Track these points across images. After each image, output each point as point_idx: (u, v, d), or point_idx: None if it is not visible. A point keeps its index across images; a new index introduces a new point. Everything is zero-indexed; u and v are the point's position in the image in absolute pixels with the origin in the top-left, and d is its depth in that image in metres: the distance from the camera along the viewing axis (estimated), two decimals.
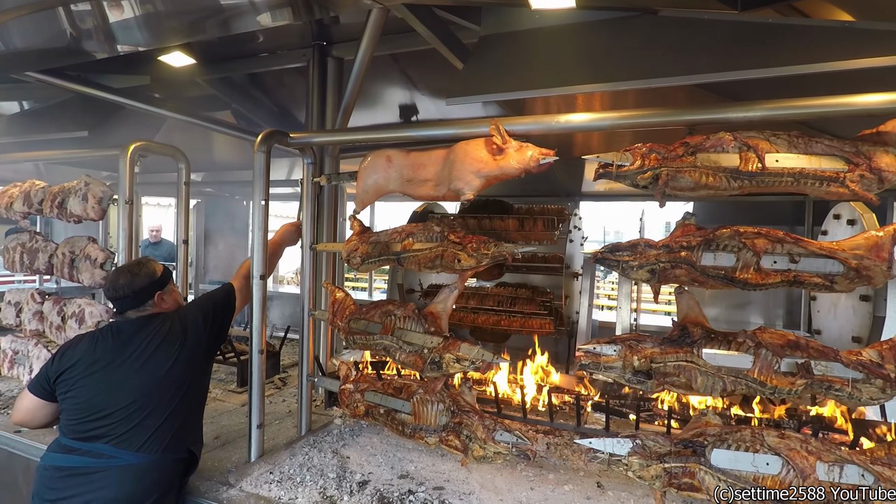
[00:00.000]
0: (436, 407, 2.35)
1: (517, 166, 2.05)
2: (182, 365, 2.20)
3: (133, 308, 2.28)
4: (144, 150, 3.09)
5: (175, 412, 2.16)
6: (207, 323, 2.36)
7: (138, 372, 2.14)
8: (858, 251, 1.89)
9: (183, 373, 2.20)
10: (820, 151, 1.93)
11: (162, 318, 2.28)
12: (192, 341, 2.26)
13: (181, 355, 2.20)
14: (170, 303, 2.37)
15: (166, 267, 2.43)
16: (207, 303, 2.49)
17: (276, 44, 3.86)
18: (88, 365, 2.14)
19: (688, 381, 1.96)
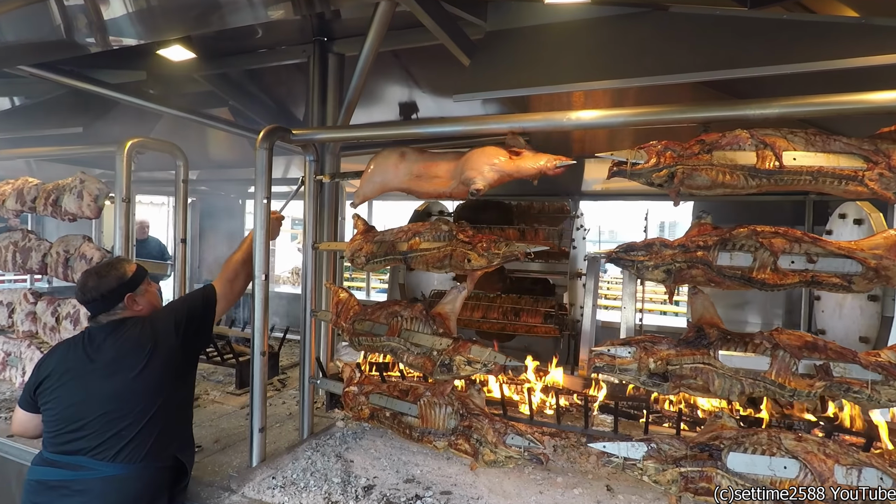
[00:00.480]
0: (444, 410, 2.30)
1: (534, 167, 2.01)
2: (154, 371, 2.08)
3: (103, 312, 2.16)
4: (141, 147, 3.01)
5: (153, 420, 2.05)
6: (180, 328, 2.20)
7: (109, 380, 2.04)
8: (878, 251, 1.86)
9: (156, 379, 2.08)
10: (838, 149, 1.90)
11: (132, 322, 2.15)
12: (164, 346, 2.12)
13: (152, 361, 2.07)
14: (143, 305, 2.23)
15: (141, 267, 2.30)
16: (182, 306, 2.35)
17: (276, 39, 3.79)
18: (61, 375, 2.06)
19: (705, 383, 1.92)
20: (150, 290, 2.32)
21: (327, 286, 2.85)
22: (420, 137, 2.41)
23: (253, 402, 2.61)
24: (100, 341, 2.12)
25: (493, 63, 2.69)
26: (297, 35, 3.69)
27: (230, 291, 2.49)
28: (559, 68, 2.60)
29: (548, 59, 2.66)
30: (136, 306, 2.21)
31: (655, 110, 2.07)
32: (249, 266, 2.55)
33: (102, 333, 2.13)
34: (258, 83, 4.47)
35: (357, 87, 3.01)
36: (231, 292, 2.49)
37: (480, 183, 2.14)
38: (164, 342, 2.14)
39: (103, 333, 2.13)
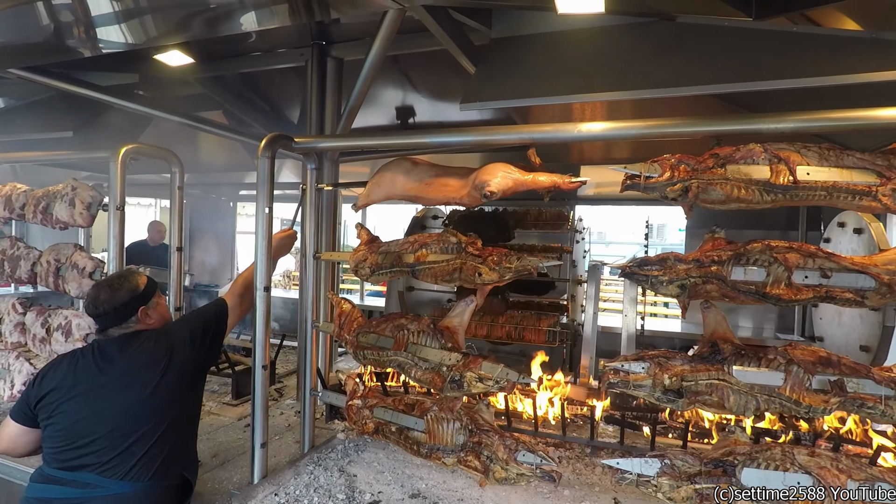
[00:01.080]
0: (452, 425, 2.26)
1: (549, 180, 1.99)
2: (168, 386, 2.03)
3: (115, 325, 2.10)
4: (136, 153, 2.92)
5: (164, 437, 2.00)
6: (196, 341, 2.17)
7: (121, 394, 1.98)
8: (891, 266, 1.86)
9: (170, 394, 2.04)
10: (851, 164, 1.90)
11: (146, 336, 2.10)
12: (179, 360, 2.08)
13: (167, 376, 2.03)
14: (155, 318, 2.19)
15: (151, 279, 2.25)
16: (196, 320, 2.30)
17: (273, 42, 3.72)
18: (69, 388, 1.98)
19: (720, 399, 1.90)
20: (161, 303, 2.28)
21: (329, 297, 2.79)
22: (426, 147, 2.36)
23: (254, 417, 2.55)
24: (112, 354, 2.05)
25: (500, 71, 2.66)
26: (295, 38, 3.62)
27: (240, 304, 2.46)
28: (566, 77, 2.57)
29: (554, 67, 2.64)
30: (149, 319, 2.16)
31: (668, 122, 2.04)
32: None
33: (114, 346, 2.07)
34: (253, 86, 4.39)
35: (360, 92, 2.96)
36: (241, 306, 2.46)
37: (494, 186, 2.12)
38: (179, 356, 2.10)
39: (115, 346, 2.07)
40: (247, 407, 3.60)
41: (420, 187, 2.35)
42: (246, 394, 3.73)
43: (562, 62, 2.64)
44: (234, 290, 2.50)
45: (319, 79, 3.52)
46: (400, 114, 4.64)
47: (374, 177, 2.53)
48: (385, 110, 4.76)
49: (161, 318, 2.23)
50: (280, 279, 9.50)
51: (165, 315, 2.28)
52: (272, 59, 3.82)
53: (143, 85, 3.91)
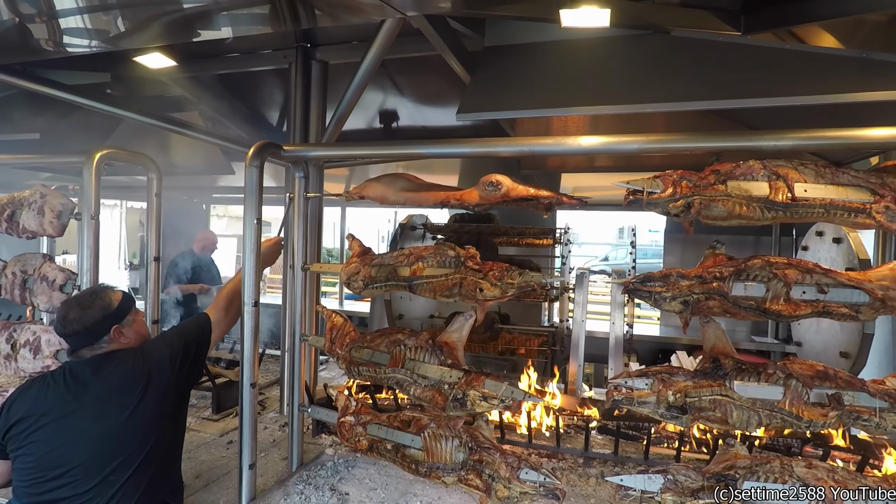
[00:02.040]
0: (451, 443, 2.21)
1: (550, 193, 1.97)
2: (148, 409, 1.91)
3: (86, 346, 1.97)
4: (112, 159, 2.77)
5: (145, 464, 1.89)
6: (175, 361, 2.04)
7: (96, 421, 1.85)
8: (885, 282, 1.91)
9: (150, 418, 1.92)
10: (846, 182, 1.93)
11: (122, 356, 1.97)
12: (158, 382, 1.96)
13: (145, 399, 1.91)
14: (131, 337, 2.04)
15: (127, 295, 2.11)
16: (177, 338, 2.16)
17: (254, 43, 3.59)
18: (39, 416, 1.85)
19: (723, 415, 1.91)
20: (138, 320, 2.13)
21: (320, 310, 2.70)
22: (422, 156, 2.31)
23: (243, 437, 2.45)
24: (85, 378, 1.92)
25: (495, 81, 2.62)
26: (278, 40, 3.50)
27: (224, 320, 2.35)
28: (562, 89, 2.56)
29: (549, 78, 2.62)
30: (124, 339, 2.02)
31: (669, 138, 2.05)
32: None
33: (87, 369, 1.93)
34: (231, 87, 4.23)
35: (351, 100, 2.88)
36: (226, 320, 2.35)
37: (501, 178, 2.10)
38: (159, 377, 1.97)
39: (88, 369, 1.93)
40: (229, 422, 3.48)
41: (417, 187, 2.32)
42: (227, 407, 3.60)
43: (557, 73, 2.63)
44: (218, 303, 2.39)
45: (304, 83, 3.41)
46: (383, 118, 4.56)
47: (371, 182, 2.47)
48: (365, 113, 4.66)
49: (138, 336, 2.09)
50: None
51: (143, 332, 2.14)
52: (253, 60, 3.69)
53: (115, 84, 3.72)
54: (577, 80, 2.58)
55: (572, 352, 3.60)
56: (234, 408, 3.66)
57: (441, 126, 4.68)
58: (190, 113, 4.38)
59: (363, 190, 2.59)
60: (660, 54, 2.54)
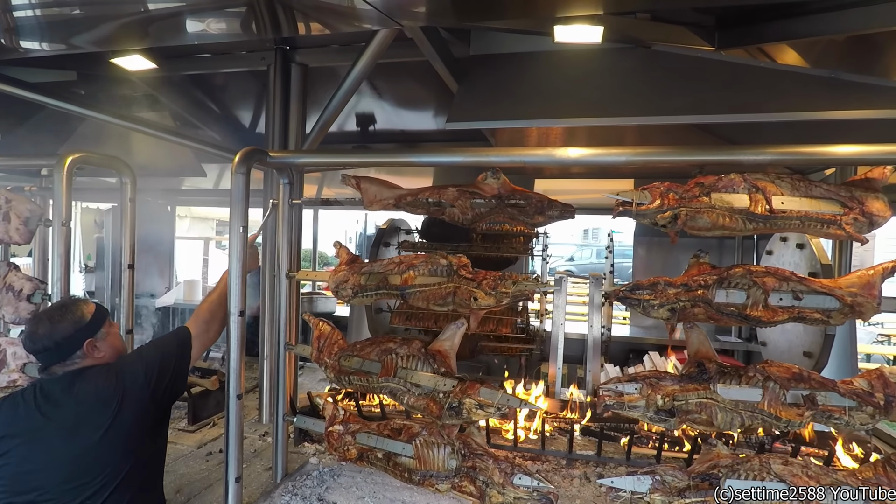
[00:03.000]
0: (443, 450, 2.23)
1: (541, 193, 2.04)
2: (123, 428, 1.83)
3: (58, 362, 1.88)
4: (84, 162, 2.66)
5: (123, 485, 1.81)
6: (151, 378, 1.94)
7: (70, 441, 1.78)
8: (853, 289, 2.04)
9: (126, 437, 1.84)
10: (819, 195, 2.05)
11: (94, 373, 1.88)
12: (133, 400, 1.87)
13: (120, 417, 1.82)
14: (105, 351, 1.96)
15: (101, 307, 2.02)
16: (153, 352, 2.06)
17: (229, 44, 3.51)
18: (9, 438, 1.77)
19: (709, 417, 2.00)
20: (113, 332, 2.04)
21: (306, 318, 2.67)
22: (412, 165, 2.32)
23: (229, 450, 2.39)
24: (56, 396, 1.83)
25: (482, 90, 2.66)
26: (255, 41, 3.44)
27: (206, 333, 2.25)
28: (548, 100, 2.61)
29: (535, 89, 2.67)
30: (98, 353, 1.93)
31: (655, 150, 2.13)
32: (226, 305, 2.32)
33: (58, 387, 1.85)
34: (204, 88, 4.13)
35: (338, 105, 2.86)
36: (207, 333, 2.26)
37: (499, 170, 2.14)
38: (133, 394, 1.88)
39: (59, 387, 1.85)
40: (206, 433, 3.39)
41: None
42: (204, 418, 3.51)
43: (543, 84, 2.68)
44: (199, 315, 2.28)
45: (283, 86, 3.36)
46: (360, 121, 4.53)
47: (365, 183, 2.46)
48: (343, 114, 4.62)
49: (113, 349, 2.00)
50: None
51: (118, 346, 2.05)
52: (228, 61, 3.61)
53: (82, 83, 3.56)
54: (562, 91, 2.64)
55: (551, 354, 3.66)
56: (210, 418, 3.56)
57: (418, 130, 4.69)
58: (160, 113, 4.23)
59: (358, 182, 2.52)
60: (641, 68, 2.63)
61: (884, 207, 2.03)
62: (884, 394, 2.02)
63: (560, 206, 2.15)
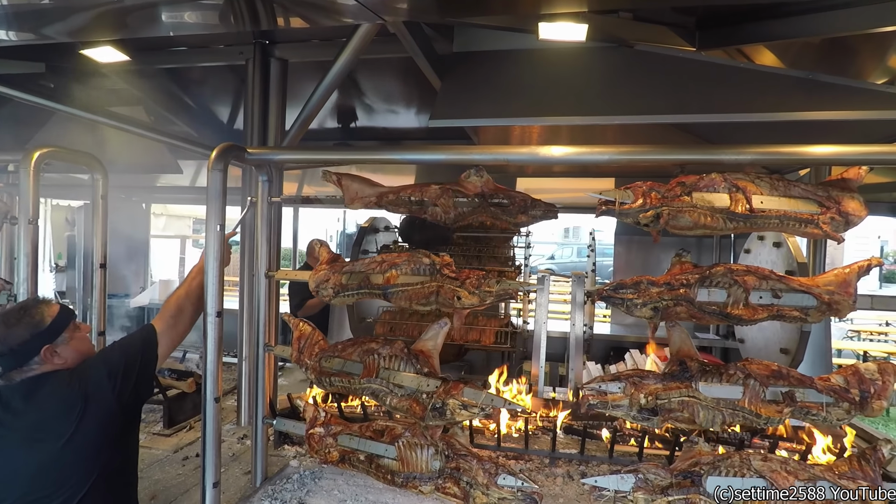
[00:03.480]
0: (427, 451, 2.20)
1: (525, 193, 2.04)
2: (87, 436, 1.75)
3: (14, 368, 1.78)
4: (52, 158, 2.57)
5: (90, 496, 1.74)
6: (115, 380, 1.84)
7: (31, 451, 1.70)
8: (830, 287, 2.07)
9: (92, 445, 1.76)
10: (797, 194, 2.08)
11: (55, 379, 1.79)
12: (97, 405, 1.78)
13: (84, 424, 1.73)
14: (68, 356, 1.85)
15: (65, 310, 1.91)
16: (116, 354, 1.95)
17: (206, 37, 3.42)
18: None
19: (691, 415, 2.02)
20: (78, 336, 1.92)
21: (286, 319, 2.62)
22: (396, 163, 2.29)
23: (206, 455, 2.33)
24: (16, 404, 1.75)
25: (465, 87, 2.64)
26: (233, 35, 3.36)
27: (173, 329, 2.12)
28: (532, 98, 2.60)
29: (519, 86, 2.66)
30: (58, 359, 1.82)
31: (638, 149, 2.14)
32: (195, 300, 2.22)
33: (18, 394, 1.76)
34: (180, 82, 4.02)
35: (319, 101, 2.80)
36: (175, 330, 2.13)
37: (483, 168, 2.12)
38: (97, 400, 1.79)
39: (19, 394, 1.76)
40: (182, 436, 3.30)
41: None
42: (180, 421, 3.42)
43: (526, 82, 2.67)
44: (166, 311, 2.16)
45: (262, 81, 3.29)
46: (341, 117, 4.47)
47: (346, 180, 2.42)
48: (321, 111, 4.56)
49: (78, 355, 1.89)
50: None
51: (84, 350, 1.93)
52: (205, 55, 3.53)
53: (51, 75, 3.43)
54: (546, 89, 2.64)
55: (534, 353, 3.66)
56: (187, 421, 3.48)
57: (400, 128, 4.66)
58: (133, 108, 4.11)
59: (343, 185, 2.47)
60: (624, 67, 2.63)
61: (859, 207, 2.06)
62: (859, 390, 2.06)
63: (543, 206, 2.14)
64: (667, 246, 5.47)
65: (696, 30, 2.83)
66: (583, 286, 3.68)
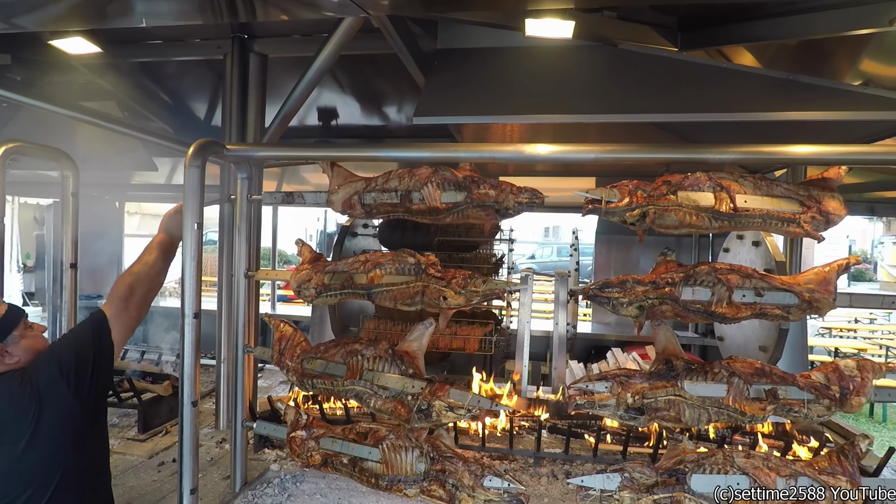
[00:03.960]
0: (412, 454, 2.17)
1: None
2: (47, 437, 1.67)
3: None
4: (19, 153, 2.46)
5: (55, 498, 1.66)
6: (69, 376, 1.73)
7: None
8: (811, 285, 2.10)
9: (52, 447, 1.68)
10: (779, 194, 2.10)
11: (7, 380, 1.71)
12: (53, 403, 1.70)
13: (41, 426, 1.66)
14: (20, 356, 1.76)
15: (14, 308, 1.82)
16: (66, 347, 1.83)
17: (183, 31, 3.33)
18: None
19: (677, 414, 2.02)
20: (31, 335, 1.82)
21: (267, 319, 2.55)
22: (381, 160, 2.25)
23: (183, 460, 2.26)
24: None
25: (450, 85, 2.61)
26: (211, 29, 3.27)
27: (125, 311, 1.95)
28: (516, 96, 2.58)
29: (503, 84, 2.64)
30: (10, 359, 1.73)
31: (624, 148, 2.13)
32: (148, 278, 2.08)
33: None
34: (155, 77, 3.91)
35: (300, 97, 2.74)
36: (127, 312, 1.95)
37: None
38: (52, 399, 1.70)
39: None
40: (158, 441, 3.20)
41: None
42: (156, 426, 3.33)
43: (511, 80, 2.65)
44: (115, 293, 1.97)
45: (241, 77, 3.22)
46: (322, 115, 4.39)
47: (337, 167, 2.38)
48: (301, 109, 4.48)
49: (31, 353, 1.79)
50: (176, 286, 8.58)
51: (39, 348, 1.83)
52: (182, 49, 3.43)
53: (18, 68, 3.30)
54: (530, 88, 2.62)
55: (518, 352, 3.65)
56: (163, 425, 3.38)
57: (382, 126, 4.60)
58: (106, 103, 3.98)
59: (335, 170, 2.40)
60: (608, 66, 2.63)
61: (839, 206, 2.10)
62: (839, 386, 2.09)
63: (530, 191, 2.11)
64: (646, 246, 5.51)
65: (679, 30, 2.85)
66: (566, 285, 3.69)
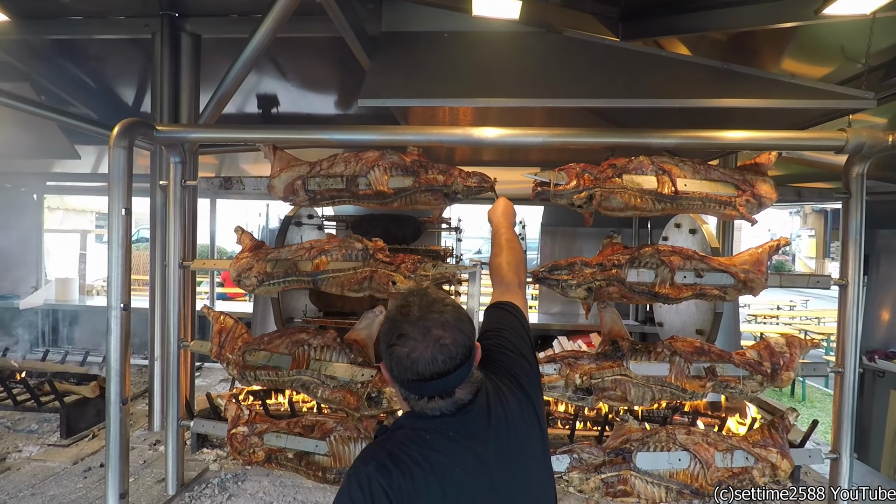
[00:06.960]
0: (361, 444, 2.11)
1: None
2: None
3: None
4: None
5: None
6: None
7: None
8: (746, 266, 2.19)
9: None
10: (716, 178, 2.18)
11: None
12: None
13: None
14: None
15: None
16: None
17: (107, 6, 3.09)
18: None
19: (623, 393, 2.06)
20: None
21: (206, 312, 2.41)
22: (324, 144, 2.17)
23: (110, 464, 2.10)
24: None
25: (395, 68, 2.55)
26: (137, 5, 3.05)
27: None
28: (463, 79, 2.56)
29: (449, 67, 2.61)
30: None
31: (570, 132, 2.15)
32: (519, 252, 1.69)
33: None
34: (75, 56, 3.61)
35: (237, 77, 2.59)
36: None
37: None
38: None
39: None
40: (83, 446, 2.96)
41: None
42: (82, 429, 3.08)
43: (457, 64, 2.63)
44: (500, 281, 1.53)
45: (172, 57, 3.02)
46: (262, 102, 4.21)
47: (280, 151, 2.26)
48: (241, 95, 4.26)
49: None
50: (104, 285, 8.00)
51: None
52: (104, 26, 3.17)
53: None
54: (477, 72, 2.60)
55: None
56: (90, 429, 3.13)
57: (325, 114, 4.47)
58: (17, 84, 3.63)
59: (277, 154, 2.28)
60: (552, 52, 2.65)
61: (770, 190, 2.20)
62: (770, 362, 2.20)
63: (479, 175, 2.09)
64: (589, 236, 5.65)
65: (620, 21, 2.92)
66: None
